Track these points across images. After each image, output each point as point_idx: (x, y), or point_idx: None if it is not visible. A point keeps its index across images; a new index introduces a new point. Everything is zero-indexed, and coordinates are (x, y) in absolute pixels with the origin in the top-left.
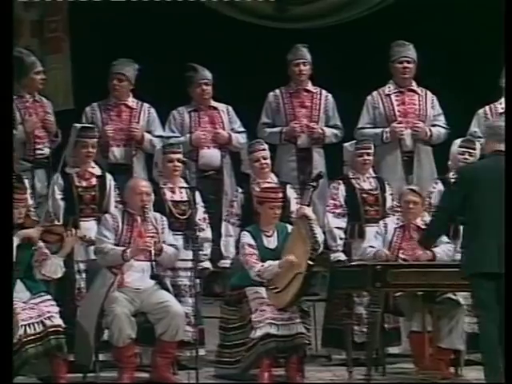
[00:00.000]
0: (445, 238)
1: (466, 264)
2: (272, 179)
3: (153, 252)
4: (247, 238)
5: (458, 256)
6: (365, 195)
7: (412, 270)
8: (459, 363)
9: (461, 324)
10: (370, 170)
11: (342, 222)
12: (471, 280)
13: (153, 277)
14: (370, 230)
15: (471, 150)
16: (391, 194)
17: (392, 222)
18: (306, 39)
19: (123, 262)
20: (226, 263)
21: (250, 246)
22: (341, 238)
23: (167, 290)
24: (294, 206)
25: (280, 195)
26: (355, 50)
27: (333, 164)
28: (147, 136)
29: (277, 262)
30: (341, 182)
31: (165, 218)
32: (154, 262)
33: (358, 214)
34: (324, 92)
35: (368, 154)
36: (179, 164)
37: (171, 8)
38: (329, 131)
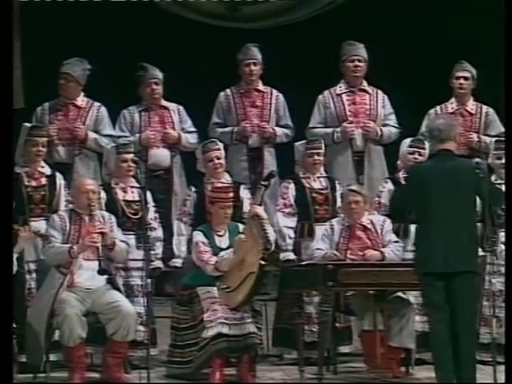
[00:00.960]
0: (393, 237)
1: (417, 262)
2: (226, 179)
3: (100, 248)
4: (200, 236)
5: (408, 255)
6: (314, 194)
7: (363, 269)
8: (410, 362)
9: (411, 323)
10: (321, 170)
11: (292, 222)
12: (421, 279)
13: (102, 272)
14: (320, 230)
15: (421, 150)
16: (341, 194)
17: (338, 222)
18: (257, 39)
19: (71, 260)
20: (177, 262)
21: (203, 243)
22: (290, 238)
23: (118, 289)
24: (246, 206)
25: (231, 195)
26: (307, 49)
27: (284, 163)
28: (92, 135)
29: (229, 250)
30: (291, 181)
31: (113, 217)
32: (102, 259)
33: (307, 213)
34: (275, 92)
35: (318, 154)
36: (132, 164)
37: (123, 8)
38: (280, 131)
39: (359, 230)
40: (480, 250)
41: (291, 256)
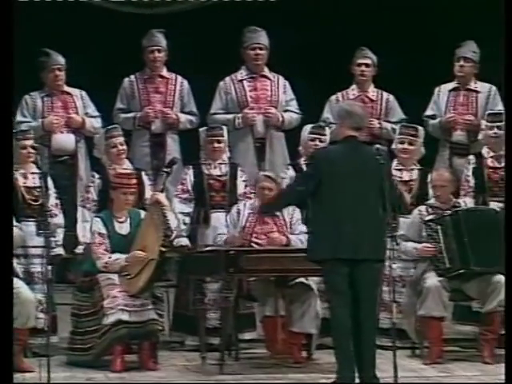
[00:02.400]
0: (304, 229)
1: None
2: (128, 165)
3: None
4: (98, 224)
5: None
6: (211, 181)
7: (265, 255)
8: (311, 347)
9: (312, 308)
10: (223, 156)
11: (188, 208)
12: (324, 265)
13: None
14: (216, 216)
15: (321, 136)
16: (244, 181)
17: (245, 207)
18: (161, 24)
19: None
20: (80, 249)
21: (99, 234)
22: (185, 224)
23: (17, 276)
24: (148, 193)
25: (133, 181)
26: (210, 35)
27: (189, 150)
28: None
29: (124, 256)
30: (190, 167)
31: None
32: None
33: (204, 199)
34: (179, 78)
35: (219, 141)
36: (32, 150)
37: None
38: (183, 117)
39: (268, 215)
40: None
41: (185, 242)
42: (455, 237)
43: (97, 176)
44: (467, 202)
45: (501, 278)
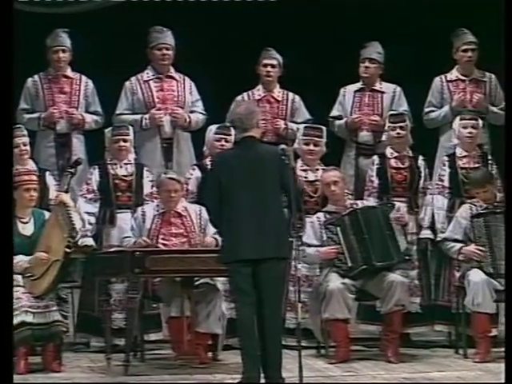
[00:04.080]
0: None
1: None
2: (32, 166)
3: None
4: None
5: None
6: (117, 181)
7: (171, 255)
8: (217, 348)
9: (218, 309)
10: (129, 156)
11: (93, 208)
12: (229, 266)
13: None
14: (122, 217)
15: (227, 137)
16: (151, 181)
17: (151, 208)
18: (66, 24)
19: None
20: None
21: None
22: (90, 223)
23: None
24: (53, 193)
25: (33, 177)
26: (116, 35)
27: (94, 150)
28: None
29: (27, 258)
30: (96, 167)
31: None
32: None
33: (110, 199)
34: (84, 78)
35: (125, 141)
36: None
37: None
38: (89, 117)
39: (173, 216)
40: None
41: (90, 242)
42: (355, 235)
43: None
44: (372, 202)
45: (395, 277)
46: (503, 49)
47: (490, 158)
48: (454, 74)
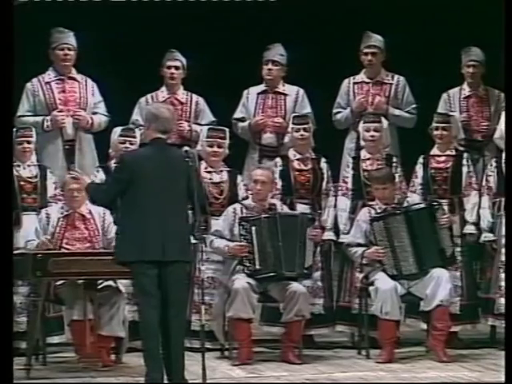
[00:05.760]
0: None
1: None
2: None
3: None
4: None
5: None
6: (22, 183)
7: (73, 258)
8: (120, 350)
9: (121, 311)
10: (32, 158)
11: None
12: (132, 267)
13: None
14: (28, 219)
15: (131, 139)
16: (54, 183)
17: (55, 211)
18: None
19: None
20: None
21: None
22: None
23: None
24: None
25: None
26: (17, 35)
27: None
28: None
29: None
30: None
31: None
32: None
33: (15, 201)
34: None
35: (28, 142)
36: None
37: None
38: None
39: (78, 219)
40: (192, 237)
41: None
42: (270, 240)
43: None
44: (275, 203)
45: (298, 287)
46: (503, 50)
47: (394, 160)
48: (360, 76)
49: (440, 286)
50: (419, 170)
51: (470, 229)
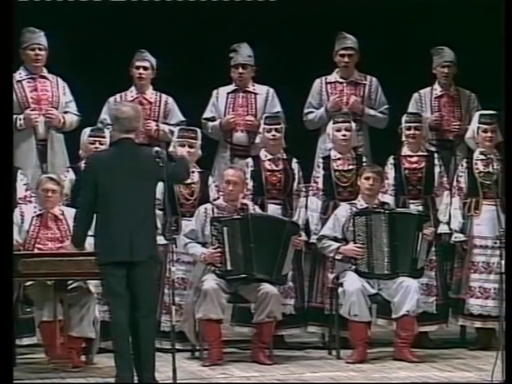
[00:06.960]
0: None
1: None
2: None
3: None
4: None
5: None
6: None
7: (43, 258)
8: (91, 351)
9: (92, 312)
10: None
11: None
12: (102, 268)
13: None
14: None
15: (101, 139)
16: (25, 184)
17: (29, 210)
18: None
19: None
20: None
21: None
22: None
23: None
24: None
25: None
26: None
27: None
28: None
29: None
30: None
31: None
32: None
33: None
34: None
35: None
36: None
37: None
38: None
39: (51, 219)
40: (162, 238)
41: None
42: (242, 241)
43: None
44: (247, 203)
45: (270, 288)
46: (503, 50)
47: (364, 160)
48: (333, 76)
49: (408, 295)
50: (390, 170)
51: (443, 229)
